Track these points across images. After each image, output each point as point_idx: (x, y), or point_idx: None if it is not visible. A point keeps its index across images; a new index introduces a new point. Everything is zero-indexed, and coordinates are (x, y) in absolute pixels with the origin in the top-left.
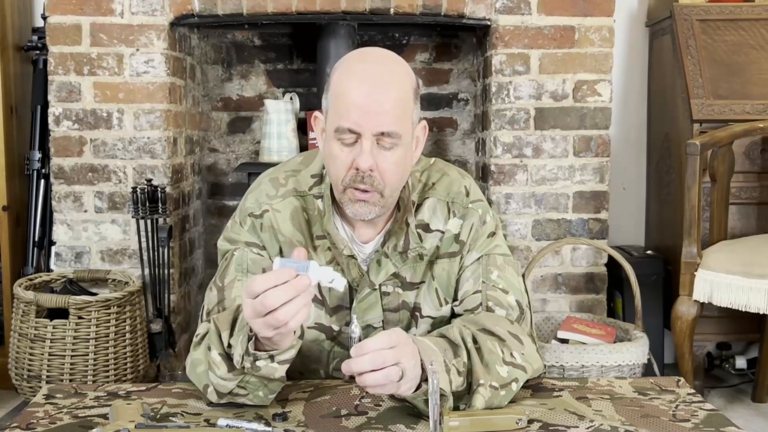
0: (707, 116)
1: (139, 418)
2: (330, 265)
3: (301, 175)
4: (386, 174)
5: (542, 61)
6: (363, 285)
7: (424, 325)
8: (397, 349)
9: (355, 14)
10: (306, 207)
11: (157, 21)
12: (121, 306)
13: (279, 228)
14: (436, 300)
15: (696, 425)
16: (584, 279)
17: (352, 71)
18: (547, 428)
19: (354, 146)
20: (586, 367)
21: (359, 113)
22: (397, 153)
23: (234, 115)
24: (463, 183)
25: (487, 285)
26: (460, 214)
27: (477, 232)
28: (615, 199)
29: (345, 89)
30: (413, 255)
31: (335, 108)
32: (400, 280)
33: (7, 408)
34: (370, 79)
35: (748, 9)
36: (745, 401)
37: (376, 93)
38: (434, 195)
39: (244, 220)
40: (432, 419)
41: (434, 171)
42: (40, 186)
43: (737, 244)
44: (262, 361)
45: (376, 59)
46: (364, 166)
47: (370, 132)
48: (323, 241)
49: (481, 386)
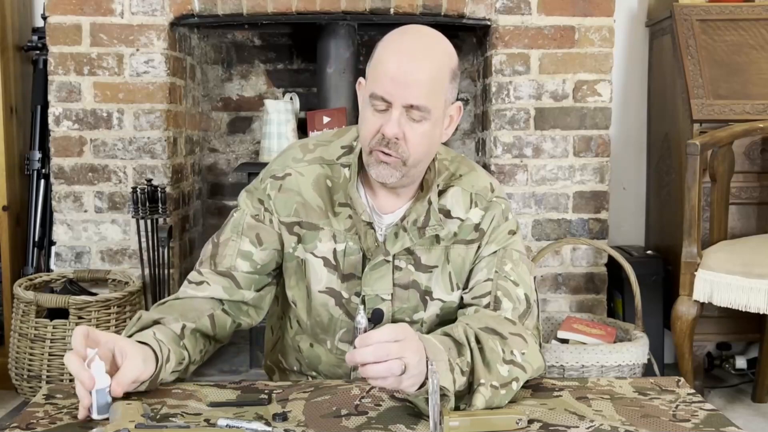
0: (707, 116)
1: (139, 418)
2: (348, 233)
3: (332, 146)
4: (411, 144)
5: (542, 61)
6: (377, 253)
7: (434, 308)
8: (402, 343)
9: (355, 14)
10: (331, 175)
11: (157, 21)
12: (121, 306)
13: (300, 190)
14: (448, 284)
15: (696, 425)
16: (584, 279)
17: (393, 42)
18: (547, 428)
19: (384, 113)
20: (586, 367)
21: (391, 83)
22: (424, 126)
23: (234, 115)
24: (490, 180)
25: (499, 275)
26: (483, 206)
27: (498, 226)
28: (615, 199)
29: (383, 58)
30: (431, 234)
31: (372, 75)
32: (414, 259)
33: (7, 408)
34: (406, 51)
35: (748, 9)
36: (745, 401)
37: (409, 65)
38: (459, 185)
39: (265, 179)
40: (432, 419)
41: (463, 164)
42: (40, 186)
43: (737, 244)
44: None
45: (418, 34)
46: (389, 133)
47: (399, 102)
48: (344, 208)
49: (482, 386)
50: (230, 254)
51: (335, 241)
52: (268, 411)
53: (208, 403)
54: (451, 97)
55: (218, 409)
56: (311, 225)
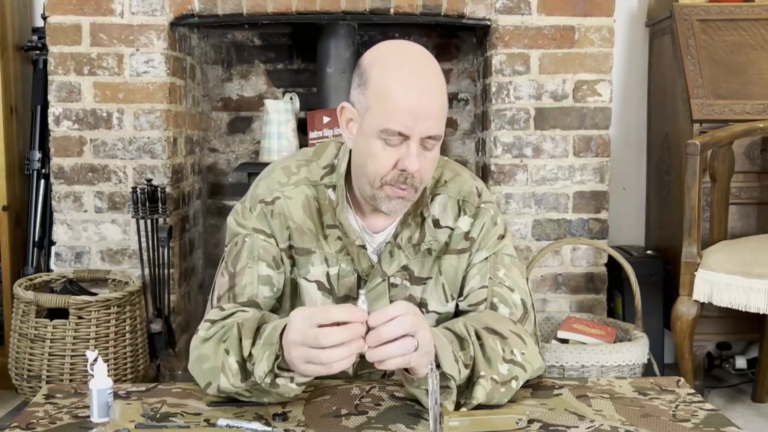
0: (707, 116)
1: (139, 418)
2: (339, 254)
3: (313, 165)
4: (425, 172)
5: (542, 61)
6: (374, 274)
7: (429, 320)
8: (416, 317)
9: (355, 14)
10: (317, 196)
11: (157, 21)
12: (121, 306)
13: (290, 215)
14: (442, 295)
15: (696, 425)
16: (584, 279)
17: (398, 71)
18: (547, 428)
19: (398, 147)
20: (586, 367)
21: (411, 118)
22: (434, 152)
23: (234, 115)
24: (475, 184)
25: (493, 281)
26: (471, 213)
27: (488, 232)
28: (615, 199)
29: (393, 91)
30: (425, 248)
31: (381, 108)
32: (409, 274)
33: (7, 408)
34: (418, 82)
35: (748, 9)
36: (745, 401)
37: (427, 97)
38: (446, 192)
39: (254, 206)
40: (432, 419)
41: (447, 169)
42: (40, 186)
43: (737, 244)
44: (282, 379)
45: (418, 59)
46: (413, 169)
47: (418, 135)
48: (333, 230)
49: (482, 378)
50: (250, 282)
51: (327, 264)
52: (268, 411)
53: (207, 402)
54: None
55: (218, 408)
56: (303, 249)
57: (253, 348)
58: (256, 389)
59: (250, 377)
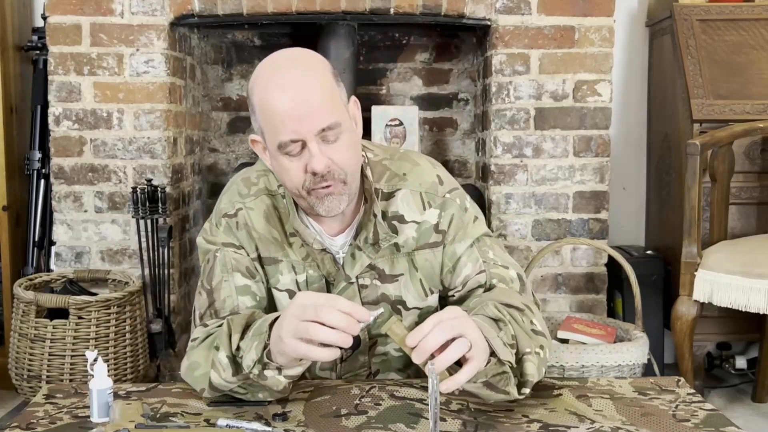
0: (707, 116)
1: (139, 418)
2: (306, 261)
3: (271, 175)
4: (342, 163)
5: (542, 61)
6: (339, 279)
7: (411, 317)
8: (460, 319)
9: (355, 14)
10: (277, 205)
11: (157, 21)
12: (121, 306)
13: (253, 225)
14: (421, 291)
15: (696, 425)
16: (584, 279)
17: (270, 83)
18: (547, 428)
19: (302, 153)
20: (586, 367)
21: (293, 121)
22: (343, 140)
23: (234, 115)
24: (435, 172)
25: (488, 264)
26: (437, 204)
27: (461, 221)
28: (615, 199)
29: (270, 104)
30: (385, 246)
31: (269, 126)
32: (377, 272)
33: (7, 408)
34: (288, 83)
35: (748, 9)
36: (745, 401)
37: (301, 94)
38: (406, 186)
39: (219, 221)
40: (432, 419)
41: (405, 161)
42: (40, 186)
43: (737, 244)
44: (270, 371)
45: (287, 61)
46: (320, 168)
47: (311, 134)
48: (295, 237)
49: (528, 354)
50: (228, 295)
51: (295, 272)
52: (268, 411)
53: (208, 402)
54: (345, 97)
55: (218, 408)
56: (270, 259)
57: (241, 341)
58: (249, 385)
59: (240, 371)
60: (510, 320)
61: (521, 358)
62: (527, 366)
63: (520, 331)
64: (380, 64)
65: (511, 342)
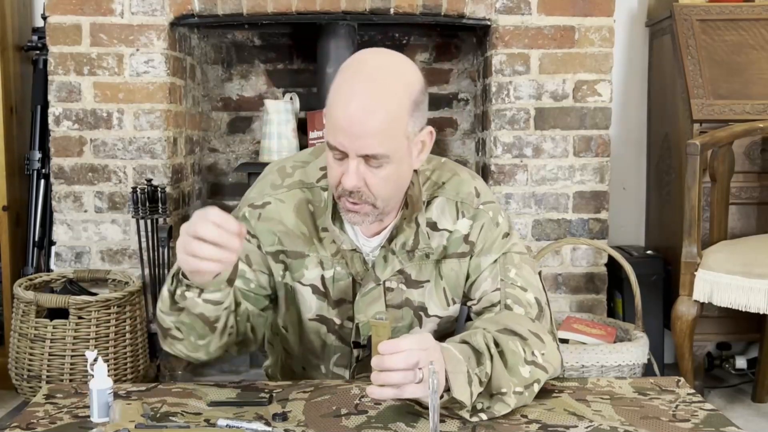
0: (707, 116)
1: (139, 418)
2: (335, 258)
3: (310, 167)
4: (375, 188)
5: (542, 61)
6: (368, 279)
7: (431, 324)
8: (428, 352)
9: (355, 14)
10: (312, 199)
11: (157, 21)
12: (121, 306)
13: (281, 219)
14: (443, 299)
15: (696, 425)
16: (584, 279)
17: (346, 85)
18: (546, 428)
19: (343, 162)
20: (586, 367)
21: (344, 135)
22: (386, 170)
23: (234, 115)
24: (474, 184)
25: (505, 283)
26: (470, 215)
27: (490, 234)
28: (615, 199)
29: (334, 106)
30: (420, 254)
31: (328, 122)
32: (405, 277)
33: (7, 408)
34: (357, 99)
35: (748, 9)
36: (745, 401)
37: (361, 116)
38: (443, 194)
39: (242, 207)
40: (432, 420)
41: (445, 170)
42: (40, 186)
43: (737, 244)
44: (191, 292)
45: (372, 73)
46: (348, 186)
47: (355, 153)
48: (328, 233)
49: (505, 395)
50: None
51: (322, 267)
52: (268, 411)
53: (208, 402)
54: (417, 127)
55: (218, 408)
56: (296, 253)
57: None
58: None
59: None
60: (495, 354)
61: (494, 395)
62: (499, 405)
63: (501, 369)
64: None
65: (484, 379)
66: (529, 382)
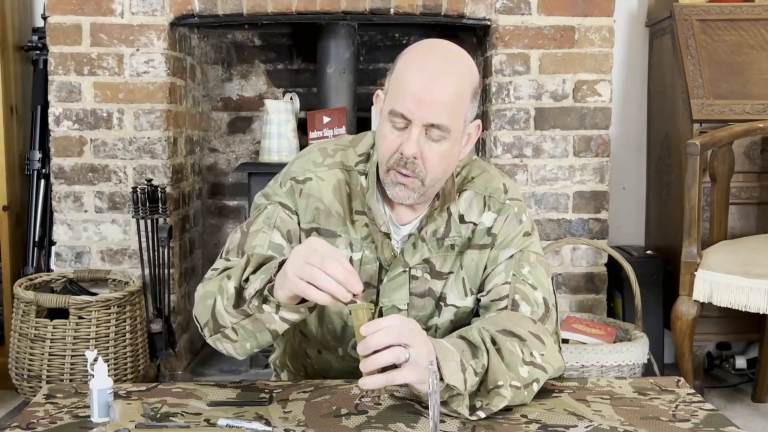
0: (707, 116)
1: (139, 418)
2: (365, 241)
3: (350, 152)
4: (429, 163)
5: (542, 61)
6: (396, 264)
7: (448, 314)
8: (413, 331)
9: (355, 14)
10: (349, 181)
11: (157, 21)
12: (121, 306)
13: (320, 196)
14: (462, 290)
15: (696, 425)
16: (584, 279)
17: (417, 59)
18: (546, 428)
19: (403, 131)
20: (586, 367)
21: (413, 101)
22: (443, 145)
23: (234, 115)
24: (503, 181)
25: (516, 278)
26: (496, 208)
27: (512, 229)
28: (615, 199)
29: (405, 75)
30: (448, 243)
31: (393, 91)
32: (430, 267)
33: (7, 408)
34: (430, 69)
35: (748, 9)
36: (745, 401)
37: (433, 84)
38: (472, 188)
39: (285, 182)
40: (432, 419)
41: (475, 167)
42: (40, 186)
43: (737, 244)
44: (269, 306)
45: (442, 52)
46: (408, 153)
47: (420, 121)
48: (361, 216)
49: (502, 387)
50: (260, 245)
51: (352, 249)
52: (269, 411)
53: (208, 402)
54: (471, 116)
55: (218, 408)
56: (329, 232)
57: (252, 275)
58: (241, 327)
59: (241, 305)
60: (492, 349)
61: (491, 389)
62: (496, 399)
63: (498, 363)
64: (380, 64)
65: (479, 371)
66: (528, 382)
